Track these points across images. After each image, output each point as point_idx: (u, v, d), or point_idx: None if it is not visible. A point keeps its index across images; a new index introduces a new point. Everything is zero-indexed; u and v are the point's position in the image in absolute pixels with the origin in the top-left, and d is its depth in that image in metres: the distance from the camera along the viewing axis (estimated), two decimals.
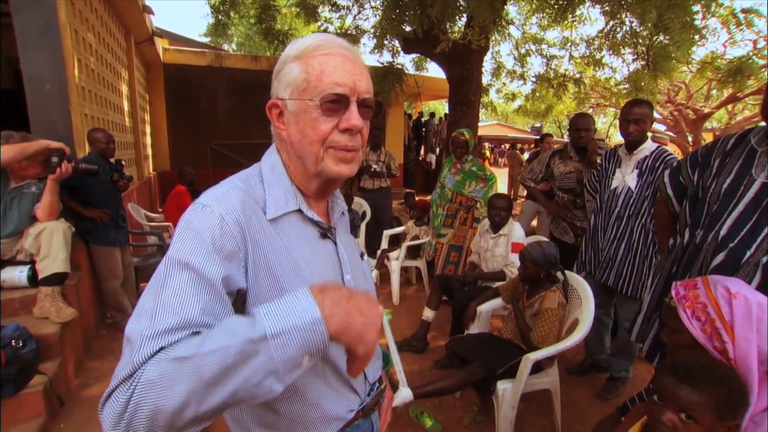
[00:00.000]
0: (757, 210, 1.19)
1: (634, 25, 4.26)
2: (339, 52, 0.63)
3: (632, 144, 2.13)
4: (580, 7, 4.67)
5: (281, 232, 0.65)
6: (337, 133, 0.63)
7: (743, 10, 3.53)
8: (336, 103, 0.62)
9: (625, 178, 2.15)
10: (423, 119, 10.77)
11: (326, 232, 0.72)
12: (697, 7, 3.43)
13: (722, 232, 1.24)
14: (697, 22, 3.44)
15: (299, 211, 0.68)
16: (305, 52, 0.63)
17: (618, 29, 4.45)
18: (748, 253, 1.19)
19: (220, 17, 5.42)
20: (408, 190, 6.08)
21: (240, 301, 0.61)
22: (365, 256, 0.84)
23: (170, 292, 0.52)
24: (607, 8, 4.21)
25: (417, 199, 4.97)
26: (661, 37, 3.76)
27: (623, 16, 4.18)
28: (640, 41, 4.29)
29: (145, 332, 0.48)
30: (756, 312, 0.89)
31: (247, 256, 0.60)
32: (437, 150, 10.05)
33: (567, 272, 2.09)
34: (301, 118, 0.64)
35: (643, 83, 4.56)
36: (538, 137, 8.68)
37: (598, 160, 2.44)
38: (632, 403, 1.32)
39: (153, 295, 0.53)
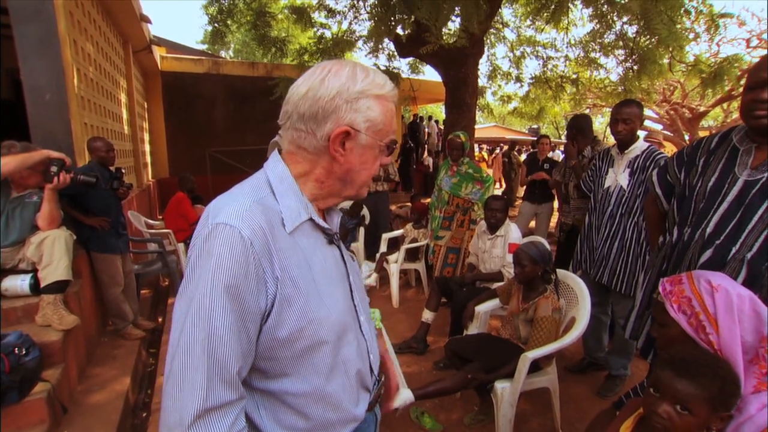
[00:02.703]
0: (740, 207, 1.22)
1: (624, 27, 4.33)
2: (395, 101, 0.74)
3: (622, 143, 2.17)
4: (572, 10, 4.74)
5: (298, 242, 0.68)
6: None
7: (720, 15, 3.62)
8: (389, 147, 0.75)
9: (618, 177, 2.19)
10: (418, 121, 10.81)
11: (332, 238, 0.77)
12: (686, 7, 3.50)
13: (708, 230, 1.27)
14: (686, 24, 3.51)
15: (309, 219, 0.72)
16: (384, 94, 0.70)
17: (608, 30, 4.52)
18: (734, 250, 1.21)
19: (217, 25, 5.47)
20: (413, 193, 6.16)
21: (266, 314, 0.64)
22: (355, 258, 0.89)
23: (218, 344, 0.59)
24: (599, 9, 4.28)
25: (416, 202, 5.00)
26: (645, 38, 3.84)
27: (610, 18, 4.25)
28: (626, 41, 4.36)
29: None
30: (737, 303, 0.92)
31: (275, 275, 0.63)
32: (427, 150, 10.13)
33: (559, 271, 2.13)
34: (367, 152, 0.72)
35: (626, 84, 4.63)
36: (535, 138, 8.73)
37: (584, 161, 2.51)
38: (627, 398, 1.34)
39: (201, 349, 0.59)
